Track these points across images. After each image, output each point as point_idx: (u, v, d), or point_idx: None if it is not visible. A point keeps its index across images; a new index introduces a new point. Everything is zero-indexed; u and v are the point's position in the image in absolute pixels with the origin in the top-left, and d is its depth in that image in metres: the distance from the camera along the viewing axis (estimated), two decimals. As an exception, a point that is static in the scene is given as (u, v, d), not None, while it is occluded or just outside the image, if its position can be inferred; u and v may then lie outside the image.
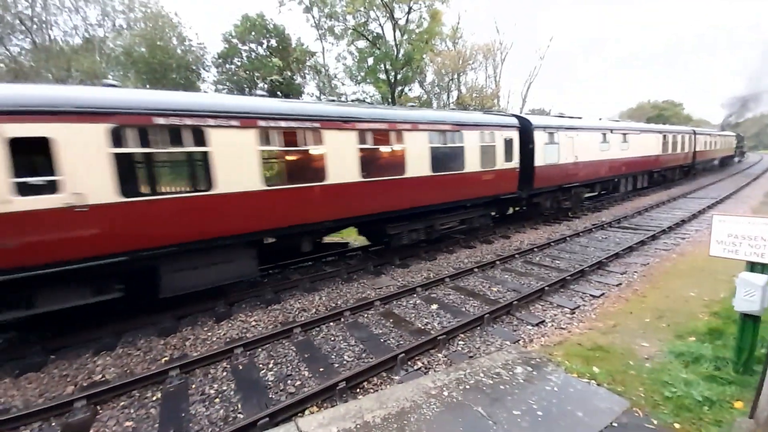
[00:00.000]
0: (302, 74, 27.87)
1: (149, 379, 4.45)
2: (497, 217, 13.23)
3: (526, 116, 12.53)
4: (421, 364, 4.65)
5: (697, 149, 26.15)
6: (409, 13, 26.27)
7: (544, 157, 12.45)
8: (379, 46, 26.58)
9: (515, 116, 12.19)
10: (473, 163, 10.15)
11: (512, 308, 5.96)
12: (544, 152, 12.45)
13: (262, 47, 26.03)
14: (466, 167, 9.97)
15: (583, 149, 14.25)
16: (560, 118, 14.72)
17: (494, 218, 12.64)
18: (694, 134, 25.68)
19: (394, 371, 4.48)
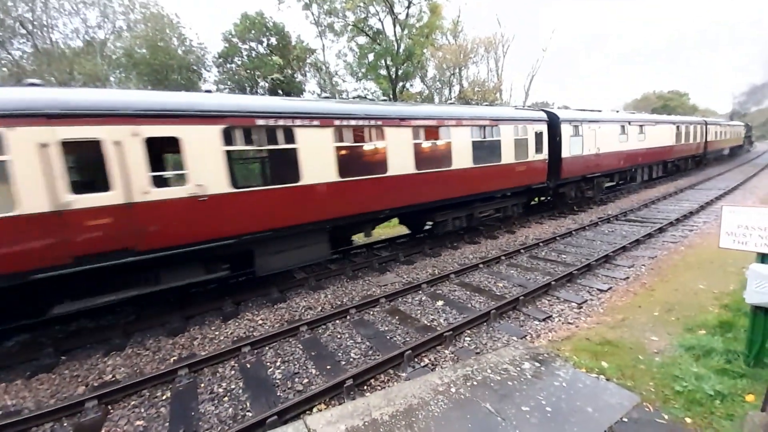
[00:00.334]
0: (303, 72, 27.81)
1: (159, 378, 4.49)
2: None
3: (553, 111, 13.17)
4: (427, 360, 4.64)
5: (708, 139, 26.34)
6: (409, 7, 26.07)
7: (569, 148, 13.10)
8: (379, 41, 26.42)
9: (544, 111, 12.90)
10: (508, 155, 10.92)
11: (519, 303, 5.93)
12: (569, 144, 13.10)
13: (262, 46, 25.99)
14: (502, 159, 10.77)
15: (604, 141, 14.85)
16: (583, 111, 15.15)
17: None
18: (705, 125, 25.87)
19: (401, 368, 4.48)
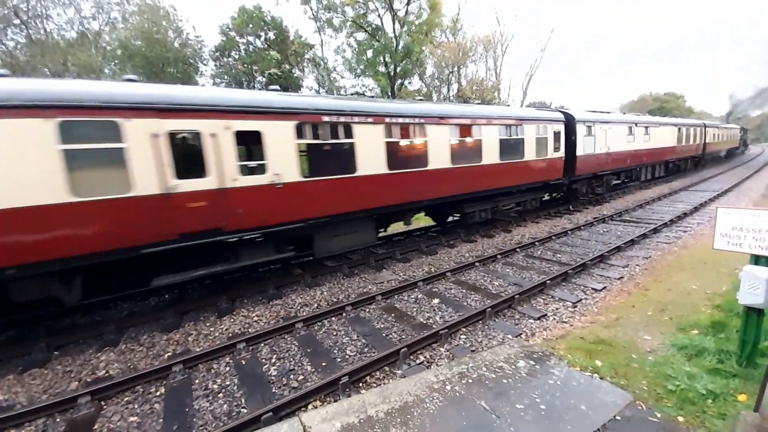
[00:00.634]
0: (301, 67, 27.64)
1: (153, 374, 4.46)
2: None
3: (569, 111, 13.93)
4: (423, 358, 4.65)
5: (706, 141, 27.52)
6: (408, 3, 25.91)
7: (583, 147, 13.97)
8: (378, 38, 26.27)
9: (561, 111, 13.71)
10: (530, 152, 11.80)
11: (514, 302, 5.96)
12: (583, 143, 13.98)
13: (259, 40, 25.78)
14: (525, 156, 11.62)
15: (613, 141, 15.86)
16: (595, 113, 16.23)
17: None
18: (704, 127, 27.04)
19: (396, 365, 4.49)
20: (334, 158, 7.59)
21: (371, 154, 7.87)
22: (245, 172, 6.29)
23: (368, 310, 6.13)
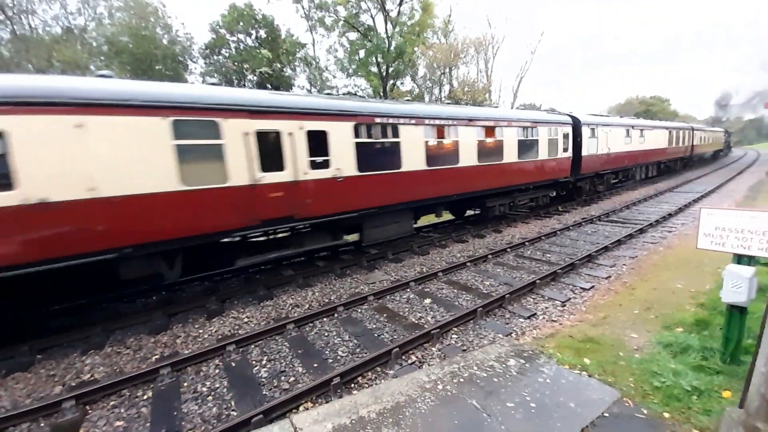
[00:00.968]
0: (292, 66, 27.46)
1: (140, 377, 4.38)
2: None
3: (575, 115, 14.98)
4: (415, 358, 4.66)
5: (694, 143, 29.17)
6: (400, 4, 25.99)
7: (588, 148, 15.11)
8: (370, 38, 26.27)
9: (568, 115, 14.78)
10: (544, 152, 12.92)
11: (504, 302, 6.01)
12: (588, 144, 15.12)
13: (250, 38, 25.53)
14: (539, 156, 12.75)
15: (614, 142, 17.14)
16: (597, 116, 17.46)
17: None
18: (692, 130, 28.66)
19: (388, 366, 4.49)
20: (383, 155, 8.52)
21: (413, 152, 8.90)
22: (314, 167, 7.18)
23: (360, 310, 6.12)
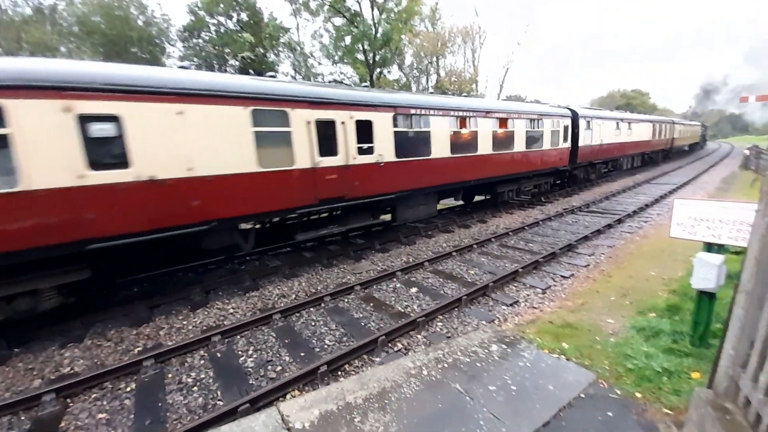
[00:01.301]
0: (276, 51, 26.70)
1: (122, 370, 4.30)
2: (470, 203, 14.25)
3: (574, 108, 16.20)
4: (401, 345, 4.75)
5: (674, 136, 31.08)
6: (387, -10, 25.49)
7: (583, 139, 16.34)
8: (356, 24, 25.74)
9: (568, 108, 15.90)
10: (547, 142, 14.05)
11: (488, 290, 6.16)
12: (583, 136, 16.37)
13: (231, 21, 24.64)
14: (543, 146, 13.86)
15: (606, 134, 18.57)
16: (591, 109, 19.10)
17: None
18: (672, 124, 30.47)
19: (375, 353, 4.56)
20: (416, 143, 9.37)
21: (441, 140, 9.81)
22: (361, 152, 8.04)
23: (347, 300, 6.16)
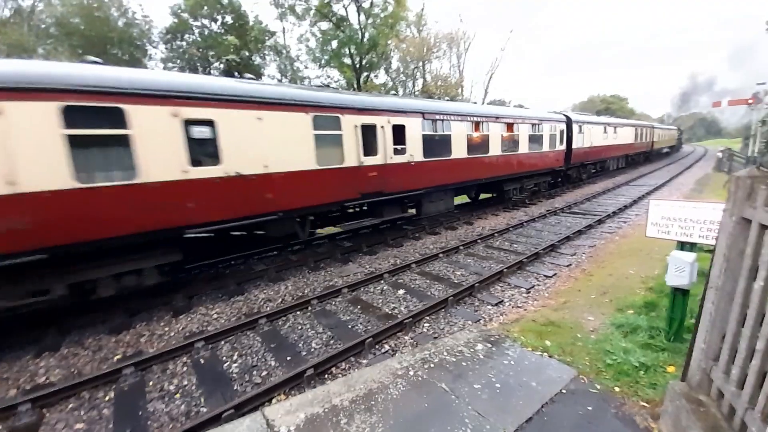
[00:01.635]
0: (261, 55, 26.52)
1: (100, 379, 4.17)
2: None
3: (568, 114, 18.13)
4: (388, 347, 4.76)
5: (654, 140, 33.48)
6: (373, -5, 25.68)
7: (576, 142, 17.86)
8: (343, 28, 25.82)
9: (564, 114, 17.76)
10: (546, 145, 15.57)
11: (474, 290, 6.24)
12: (576, 139, 17.88)
13: (215, 24, 24.36)
14: (543, 148, 15.38)
15: (595, 138, 20.30)
16: (583, 114, 21.45)
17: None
18: (653, 128, 33.01)
19: (362, 355, 4.55)
20: (440, 145, 10.43)
21: (459, 142, 10.95)
22: (395, 153, 9.03)
23: (334, 303, 6.13)
